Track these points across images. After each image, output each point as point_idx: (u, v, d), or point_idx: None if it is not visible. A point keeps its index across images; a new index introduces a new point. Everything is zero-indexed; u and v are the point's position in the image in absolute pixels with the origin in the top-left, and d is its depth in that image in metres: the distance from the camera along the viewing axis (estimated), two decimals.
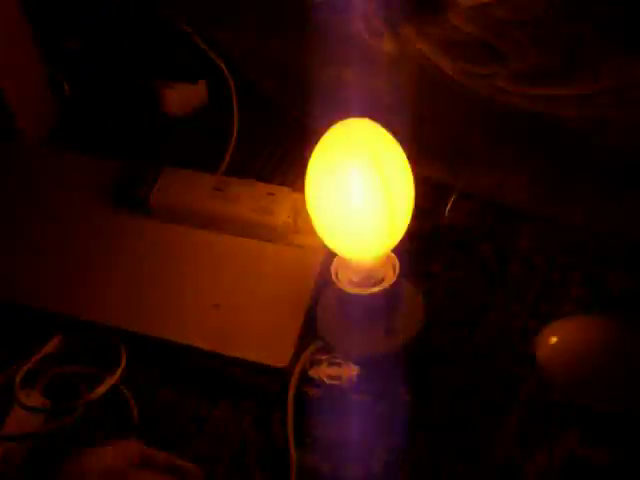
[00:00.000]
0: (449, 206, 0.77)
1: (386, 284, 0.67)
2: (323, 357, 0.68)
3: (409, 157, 0.63)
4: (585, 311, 0.70)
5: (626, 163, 0.72)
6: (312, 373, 0.68)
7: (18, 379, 0.67)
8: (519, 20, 0.70)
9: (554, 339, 0.67)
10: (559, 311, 0.70)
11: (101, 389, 0.67)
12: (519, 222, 0.76)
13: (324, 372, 0.68)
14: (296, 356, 0.68)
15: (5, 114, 0.83)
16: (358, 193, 0.61)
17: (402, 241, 0.66)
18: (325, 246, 0.70)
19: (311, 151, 0.63)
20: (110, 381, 0.68)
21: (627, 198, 0.73)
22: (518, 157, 0.76)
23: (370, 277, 0.67)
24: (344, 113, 0.63)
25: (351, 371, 0.67)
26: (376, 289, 0.66)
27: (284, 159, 0.82)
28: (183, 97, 0.86)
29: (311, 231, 0.71)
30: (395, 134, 0.63)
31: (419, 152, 0.66)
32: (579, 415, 0.64)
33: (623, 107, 0.69)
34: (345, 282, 0.67)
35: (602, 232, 0.74)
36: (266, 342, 0.69)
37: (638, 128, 0.69)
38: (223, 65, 0.85)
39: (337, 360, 0.68)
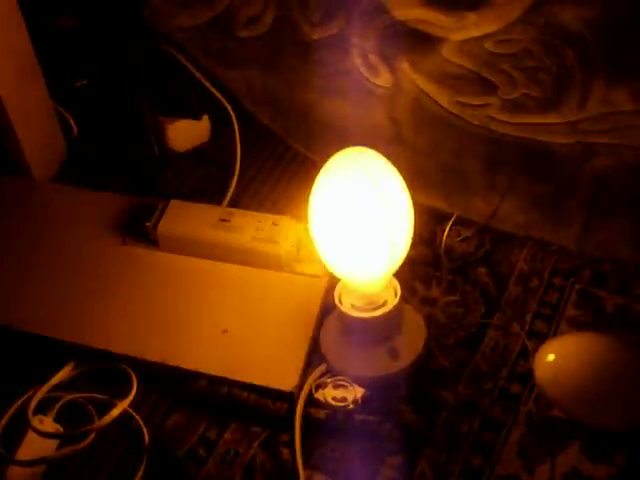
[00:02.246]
0: (446, 232, 0.79)
1: (388, 307, 0.68)
2: (328, 380, 0.70)
3: (406, 186, 0.66)
4: (581, 329, 0.72)
5: (614, 186, 0.74)
6: (318, 395, 0.69)
7: (32, 405, 0.69)
8: (508, 53, 0.72)
9: (552, 357, 0.68)
10: (556, 330, 0.72)
11: (112, 414, 0.68)
12: (515, 246, 0.78)
13: (330, 394, 0.69)
14: (302, 379, 0.70)
15: (15, 150, 0.85)
16: (359, 218, 0.64)
17: (402, 266, 0.68)
18: (328, 273, 0.72)
19: (313, 182, 0.66)
20: (121, 407, 0.69)
21: (616, 220, 0.75)
22: (512, 183, 0.78)
23: (372, 301, 0.69)
24: (343, 145, 0.65)
25: (356, 393, 0.69)
26: (378, 312, 0.68)
27: (286, 190, 0.85)
28: (187, 132, 0.89)
29: (314, 259, 0.73)
30: (392, 164, 0.66)
31: (416, 181, 0.68)
32: (579, 431, 0.66)
33: (608, 133, 0.71)
34: (348, 306, 0.69)
35: (594, 253, 0.76)
36: (273, 367, 0.71)
37: (623, 152, 0.72)
38: (225, 100, 0.88)
39: (342, 382, 0.70)
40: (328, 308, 0.73)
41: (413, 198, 0.66)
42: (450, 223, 0.80)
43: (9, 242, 0.82)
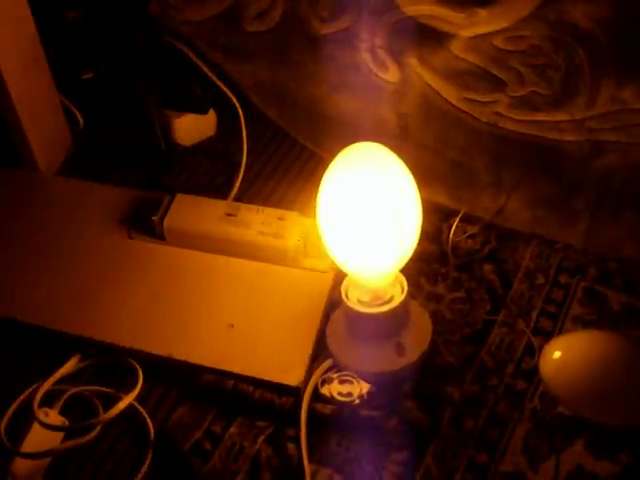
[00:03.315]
0: (453, 229, 0.79)
1: (395, 303, 0.68)
2: (334, 375, 0.70)
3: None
4: (586, 327, 0.72)
5: (621, 184, 0.74)
6: (324, 390, 0.69)
7: (37, 398, 0.69)
8: (518, 50, 0.72)
9: (557, 354, 0.69)
10: (561, 328, 0.73)
11: (118, 408, 0.68)
12: (521, 243, 0.78)
13: (335, 389, 0.69)
14: (308, 374, 0.70)
15: (21, 143, 0.85)
16: (368, 214, 0.64)
17: (408, 262, 0.68)
18: (334, 268, 0.72)
19: (319, 177, 0.66)
20: (127, 400, 0.69)
21: (623, 218, 0.75)
22: (519, 181, 0.78)
23: (379, 297, 0.69)
24: (350, 140, 0.65)
25: (361, 388, 0.69)
26: (385, 308, 0.68)
27: (293, 185, 0.85)
28: (193, 127, 0.89)
29: (320, 254, 0.73)
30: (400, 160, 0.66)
31: (422, 177, 0.68)
32: (584, 428, 0.66)
33: (616, 131, 0.71)
34: (355, 301, 0.69)
35: (600, 251, 0.77)
36: (279, 361, 0.71)
37: (631, 150, 0.72)
38: (232, 95, 0.88)
39: (348, 378, 0.70)
40: (334, 303, 0.73)
41: (419, 194, 0.66)
42: (456, 220, 0.80)
43: (14, 235, 0.82)
